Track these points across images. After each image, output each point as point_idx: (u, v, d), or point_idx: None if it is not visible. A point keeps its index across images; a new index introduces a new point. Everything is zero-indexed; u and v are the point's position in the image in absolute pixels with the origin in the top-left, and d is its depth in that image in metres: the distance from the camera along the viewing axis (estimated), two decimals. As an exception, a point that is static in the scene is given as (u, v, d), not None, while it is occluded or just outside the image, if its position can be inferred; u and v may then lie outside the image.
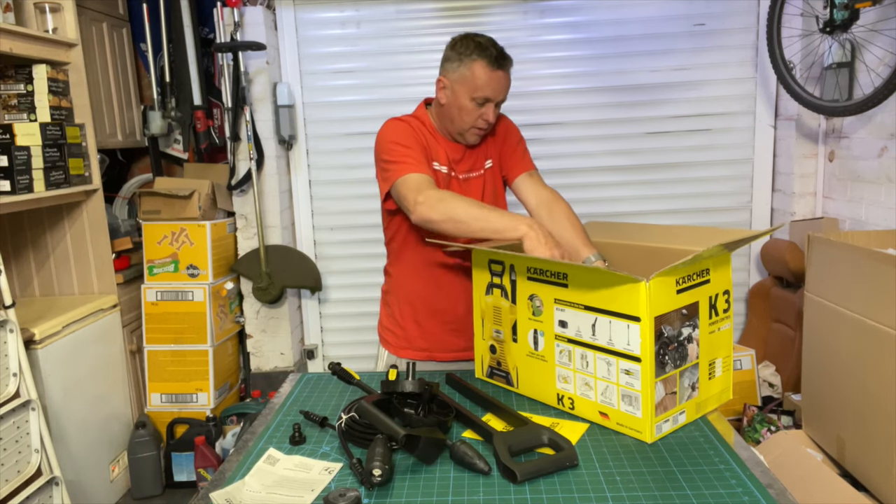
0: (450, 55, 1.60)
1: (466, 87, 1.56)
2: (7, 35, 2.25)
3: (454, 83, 1.58)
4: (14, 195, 2.23)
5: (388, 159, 1.56)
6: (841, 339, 1.96)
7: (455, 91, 1.58)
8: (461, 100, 1.57)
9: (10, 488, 1.95)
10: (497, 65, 1.55)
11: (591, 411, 1.27)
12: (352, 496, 0.98)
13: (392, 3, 3.12)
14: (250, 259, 3.13)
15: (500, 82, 1.57)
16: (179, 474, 2.84)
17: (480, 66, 1.54)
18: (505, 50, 1.59)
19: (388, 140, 1.59)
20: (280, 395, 1.49)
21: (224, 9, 2.94)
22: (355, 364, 1.51)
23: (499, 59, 1.55)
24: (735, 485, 1.03)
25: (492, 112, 1.59)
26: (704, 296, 1.23)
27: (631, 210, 3.20)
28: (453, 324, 1.71)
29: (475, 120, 1.59)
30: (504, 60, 1.57)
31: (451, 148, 1.67)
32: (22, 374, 2.08)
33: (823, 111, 2.56)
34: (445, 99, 1.61)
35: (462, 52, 1.57)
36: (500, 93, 1.58)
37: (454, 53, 1.59)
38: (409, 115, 1.70)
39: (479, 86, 1.55)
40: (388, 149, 1.58)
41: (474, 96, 1.56)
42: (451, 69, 1.59)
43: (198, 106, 3.11)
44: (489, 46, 1.56)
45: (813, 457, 2.06)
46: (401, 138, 1.58)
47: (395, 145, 1.57)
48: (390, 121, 1.65)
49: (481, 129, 1.61)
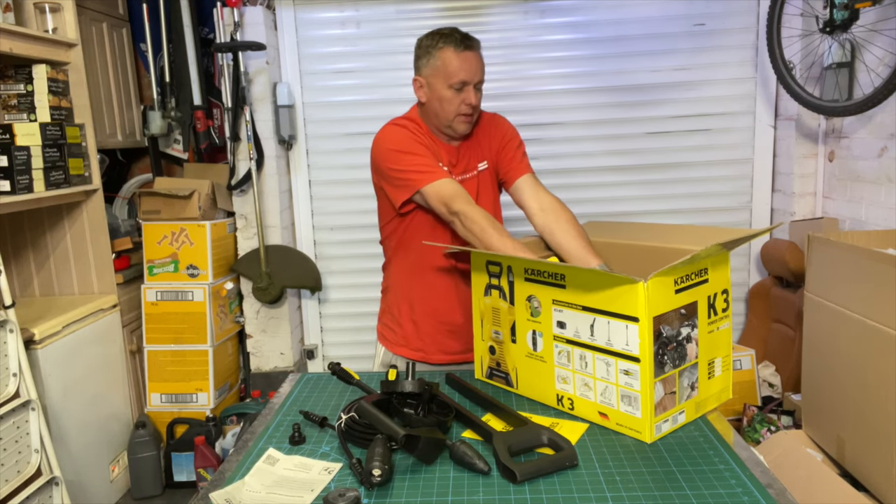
0: (418, 53, 1.62)
1: (441, 77, 1.57)
2: (7, 35, 2.25)
3: (429, 78, 1.60)
4: (14, 195, 2.23)
5: (401, 169, 1.57)
6: (841, 339, 1.96)
7: (432, 85, 1.59)
8: (440, 91, 1.58)
9: (10, 488, 1.95)
10: (464, 46, 1.57)
11: (590, 412, 1.27)
12: (351, 496, 0.98)
13: (392, 3, 3.12)
14: (250, 259, 3.13)
15: (471, 63, 1.58)
16: (179, 474, 2.84)
17: (448, 52, 1.56)
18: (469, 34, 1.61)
19: (394, 149, 1.59)
20: (280, 395, 1.49)
21: (224, 9, 2.94)
22: (355, 364, 1.51)
23: (464, 40, 1.57)
24: (735, 485, 1.03)
25: (472, 94, 1.59)
26: (703, 295, 1.23)
27: (631, 210, 3.20)
28: (449, 325, 1.71)
29: (458, 106, 1.59)
30: (470, 41, 1.58)
31: (447, 150, 1.67)
32: (22, 374, 2.08)
33: (823, 111, 2.56)
34: (425, 97, 1.62)
35: (429, 46, 1.59)
36: (474, 74, 1.58)
37: (422, 50, 1.61)
38: (404, 118, 1.69)
39: (453, 71, 1.56)
40: (396, 158, 1.58)
41: (451, 83, 1.57)
42: (423, 65, 1.61)
43: (198, 106, 3.11)
44: (452, 33, 1.58)
45: (813, 457, 2.06)
46: (407, 146, 1.58)
47: (403, 154, 1.57)
48: (390, 127, 1.64)
49: (467, 115, 1.61)
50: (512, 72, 3.13)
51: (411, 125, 1.64)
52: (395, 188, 1.60)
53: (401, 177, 1.57)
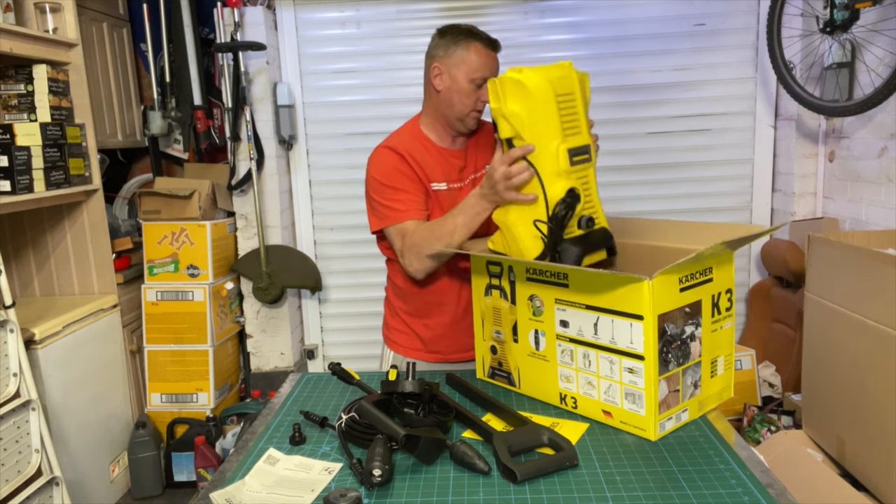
0: (440, 42, 1.62)
1: (465, 70, 1.58)
2: (7, 35, 2.25)
3: (451, 67, 1.59)
4: (14, 195, 2.23)
5: (380, 201, 1.60)
6: (841, 339, 1.96)
7: (452, 75, 1.59)
8: (460, 83, 1.58)
9: (10, 488, 1.95)
10: (492, 46, 1.61)
11: (594, 410, 1.27)
12: (352, 496, 0.98)
13: (392, 3, 3.12)
14: (250, 259, 3.13)
15: (495, 63, 1.61)
16: (179, 474, 2.84)
17: (477, 48, 1.58)
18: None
19: (377, 179, 1.60)
20: (280, 395, 1.49)
21: (224, 9, 2.94)
22: (355, 364, 1.51)
23: (491, 41, 1.61)
24: (735, 485, 1.03)
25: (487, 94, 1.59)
26: (707, 294, 1.23)
27: (631, 210, 3.20)
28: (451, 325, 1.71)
29: (475, 102, 1.60)
30: (496, 43, 1.62)
31: (454, 154, 1.66)
32: (22, 374, 2.08)
33: (823, 111, 2.56)
34: (442, 85, 1.61)
35: (456, 37, 1.60)
36: (496, 74, 1.60)
37: (445, 41, 1.61)
38: (399, 137, 1.67)
39: (478, 67, 1.57)
40: (378, 188, 1.61)
41: (473, 77, 1.57)
42: (447, 55, 1.60)
43: (198, 106, 3.11)
44: (479, 32, 1.61)
45: (813, 457, 2.06)
46: (389, 179, 1.59)
47: (384, 187, 1.59)
48: (381, 150, 1.64)
49: (480, 111, 1.63)
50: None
51: (404, 146, 1.62)
52: (372, 215, 1.65)
53: (378, 208, 1.61)
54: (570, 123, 1.38)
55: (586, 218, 1.35)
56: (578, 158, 1.36)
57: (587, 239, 1.37)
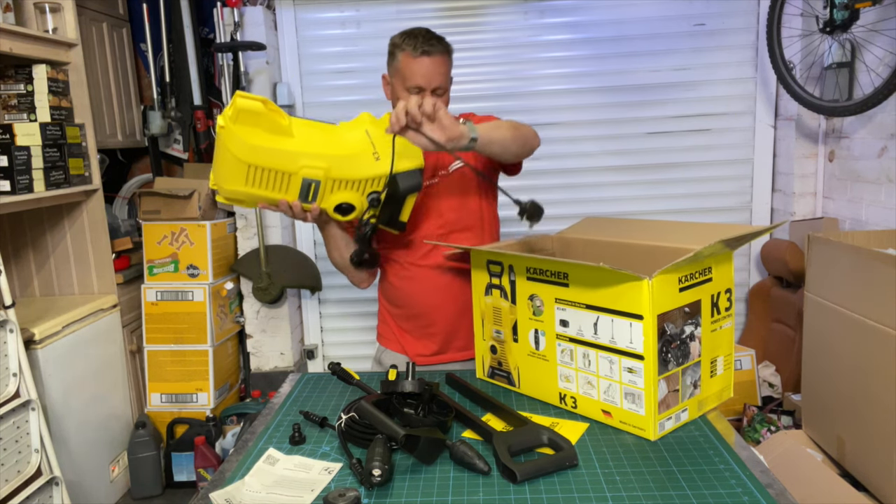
0: (388, 50, 1.60)
1: (399, 79, 1.56)
2: (7, 35, 2.25)
3: (391, 77, 1.60)
4: (14, 195, 2.23)
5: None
6: (841, 339, 1.96)
7: (393, 85, 1.60)
8: (398, 92, 1.57)
9: (10, 488, 1.95)
10: (419, 51, 1.51)
11: (593, 410, 1.27)
12: (351, 496, 0.98)
13: (392, 3, 3.12)
14: (250, 259, 3.13)
15: (426, 68, 1.52)
16: (179, 474, 2.84)
17: (405, 56, 1.53)
18: (437, 36, 1.55)
19: None
20: (280, 395, 1.49)
21: (224, 9, 2.94)
22: (355, 364, 1.51)
23: (422, 44, 1.51)
24: (735, 485, 1.03)
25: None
26: (707, 294, 1.23)
27: (631, 210, 3.20)
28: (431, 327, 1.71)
29: None
30: (430, 46, 1.52)
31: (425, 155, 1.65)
32: (22, 374, 2.08)
33: (823, 111, 2.56)
34: (389, 95, 1.62)
35: (394, 45, 1.57)
36: (430, 80, 1.53)
37: (389, 48, 1.59)
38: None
39: (408, 75, 1.53)
40: None
41: (407, 86, 1.54)
42: (389, 64, 1.60)
43: (198, 106, 3.11)
44: (417, 35, 1.53)
45: (813, 457, 2.06)
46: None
47: None
48: None
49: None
50: (512, 72, 3.13)
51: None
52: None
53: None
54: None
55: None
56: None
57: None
